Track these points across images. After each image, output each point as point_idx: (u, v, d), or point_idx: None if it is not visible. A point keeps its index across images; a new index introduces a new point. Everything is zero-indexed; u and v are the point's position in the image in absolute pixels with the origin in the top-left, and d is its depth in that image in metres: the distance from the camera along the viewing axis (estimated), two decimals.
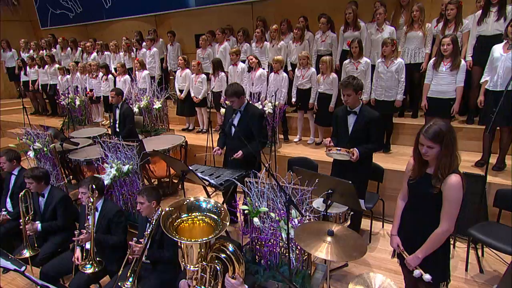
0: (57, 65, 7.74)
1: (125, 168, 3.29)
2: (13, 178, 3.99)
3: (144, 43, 7.06)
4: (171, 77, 6.99)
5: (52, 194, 3.48)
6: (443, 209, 1.84)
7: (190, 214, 2.07)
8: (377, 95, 4.20)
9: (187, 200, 2.09)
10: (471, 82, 4.22)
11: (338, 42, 5.07)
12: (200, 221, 2.08)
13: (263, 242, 2.73)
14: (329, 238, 1.92)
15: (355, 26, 4.79)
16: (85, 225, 2.95)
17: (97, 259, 2.91)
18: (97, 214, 3.02)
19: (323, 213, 2.47)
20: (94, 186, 2.88)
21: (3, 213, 3.77)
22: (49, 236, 3.46)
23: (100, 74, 6.70)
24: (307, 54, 4.62)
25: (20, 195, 3.32)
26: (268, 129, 4.46)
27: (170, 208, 2.01)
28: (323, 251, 1.86)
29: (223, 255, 2.03)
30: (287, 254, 2.72)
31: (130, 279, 2.49)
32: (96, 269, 2.86)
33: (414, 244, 1.98)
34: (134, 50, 7.11)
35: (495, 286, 2.62)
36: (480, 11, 4.10)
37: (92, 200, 2.87)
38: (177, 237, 1.95)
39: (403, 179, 2.11)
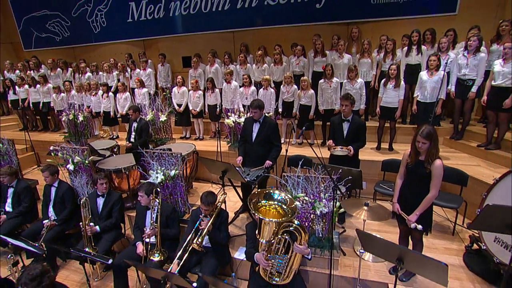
0: (50, 84, 7.08)
1: (172, 172, 3.38)
2: (53, 189, 3.85)
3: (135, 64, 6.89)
4: (164, 93, 6.89)
5: (110, 194, 3.50)
6: (432, 182, 2.45)
7: (267, 201, 2.39)
8: None
9: (266, 191, 2.40)
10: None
11: (310, 65, 5.64)
12: (273, 209, 2.40)
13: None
14: (365, 208, 2.41)
15: (323, 53, 5.40)
16: (150, 222, 3.01)
17: (162, 249, 3.00)
18: (152, 212, 3.10)
19: (340, 194, 2.95)
20: (158, 189, 2.97)
21: (51, 219, 3.61)
22: (103, 234, 3.42)
23: (100, 91, 6.35)
24: (291, 75, 5.09)
25: (82, 201, 3.25)
26: None
27: (255, 192, 2.32)
28: (364, 215, 2.34)
29: (291, 228, 2.38)
30: (312, 227, 3.16)
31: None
32: (163, 258, 2.96)
33: (411, 207, 2.56)
34: (129, 70, 6.85)
35: (466, 223, 3.33)
36: (406, 47, 4.99)
37: (158, 201, 2.94)
38: (261, 216, 2.26)
39: (401, 165, 2.68)
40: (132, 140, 4.93)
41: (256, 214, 2.24)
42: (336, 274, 2.94)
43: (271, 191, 2.43)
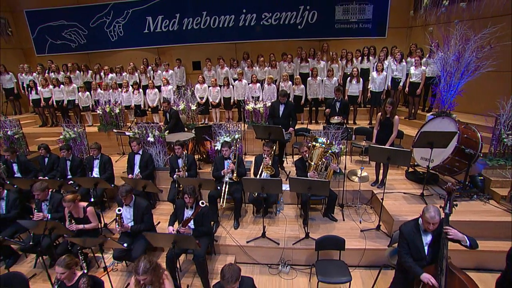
0: (74, 84, 7.32)
1: (236, 136, 4.57)
2: (137, 157, 4.65)
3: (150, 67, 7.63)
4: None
5: (187, 156, 4.44)
6: (394, 127, 4.16)
7: (315, 142, 3.80)
8: (325, 95, 6.51)
9: (315, 137, 3.82)
10: None
11: (297, 68, 7.19)
12: (316, 147, 3.83)
13: None
14: (364, 141, 4.02)
15: (306, 60, 7.01)
16: (229, 165, 4.14)
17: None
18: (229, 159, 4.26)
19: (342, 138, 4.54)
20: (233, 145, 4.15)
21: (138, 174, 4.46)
22: None
23: (131, 88, 6.95)
24: (287, 74, 6.57)
25: (183, 160, 4.20)
26: None
27: (312, 135, 3.72)
28: (364, 144, 3.94)
29: (328, 154, 3.86)
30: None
31: None
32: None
33: (383, 143, 4.25)
34: (152, 72, 7.51)
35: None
36: (360, 57, 6.87)
37: (237, 148, 4.12)
38: (311, 144, 3.68)
39: (376, 122, 4.35)
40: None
41: (312, 144, 3.68)
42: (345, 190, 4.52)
43: (317, 137, 3.86)
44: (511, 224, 3.54)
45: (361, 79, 6.35)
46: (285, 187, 4.54)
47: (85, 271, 3.36)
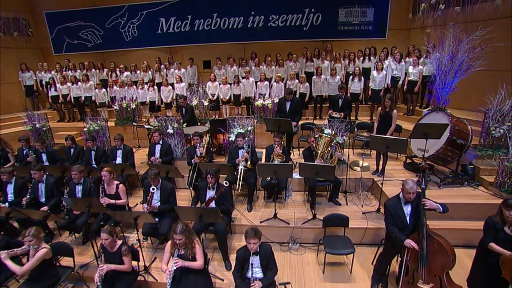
0: (91, 82, 7.73)
1: (249, 128, 4.98)
2: (157, 146, 5.05)
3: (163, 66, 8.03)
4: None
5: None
6: (392, 121, 4.58)
7: (322, 133, 4.22)
8: (329, 92, 6.93)
9: (322, 128, 4.23)
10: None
11: (302, 67, 7.60)
12: (322, 137, 4.25)
13: None
14: (366, 133, 4.43)
15: (311, 60, 7.42)
16: (243, 153, 4.56)
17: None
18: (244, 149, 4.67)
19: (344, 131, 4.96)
20: (247, 136, 4.56)
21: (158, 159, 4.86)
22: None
23: (146, 86, 7.36)
24: (294, 73, 6.99)
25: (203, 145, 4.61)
26: None
27: (319, 126, 4.13)
28: (366, 134, 4.35)
29: (333, 144, 4.28)
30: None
31: None
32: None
33: (384, 134, 4.66)
34: (165, 70, 7.92)
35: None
36: (362, 57, 7.28)
37: (250, 140, 4.54)
38: (318, 135, 4.10)
39: (376, 115, 4.77)
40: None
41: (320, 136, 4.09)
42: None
43: (323, 128, 4.28)
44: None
45: (362, 78, 6.77)
46: (294, 175, 4.97)
47: None
